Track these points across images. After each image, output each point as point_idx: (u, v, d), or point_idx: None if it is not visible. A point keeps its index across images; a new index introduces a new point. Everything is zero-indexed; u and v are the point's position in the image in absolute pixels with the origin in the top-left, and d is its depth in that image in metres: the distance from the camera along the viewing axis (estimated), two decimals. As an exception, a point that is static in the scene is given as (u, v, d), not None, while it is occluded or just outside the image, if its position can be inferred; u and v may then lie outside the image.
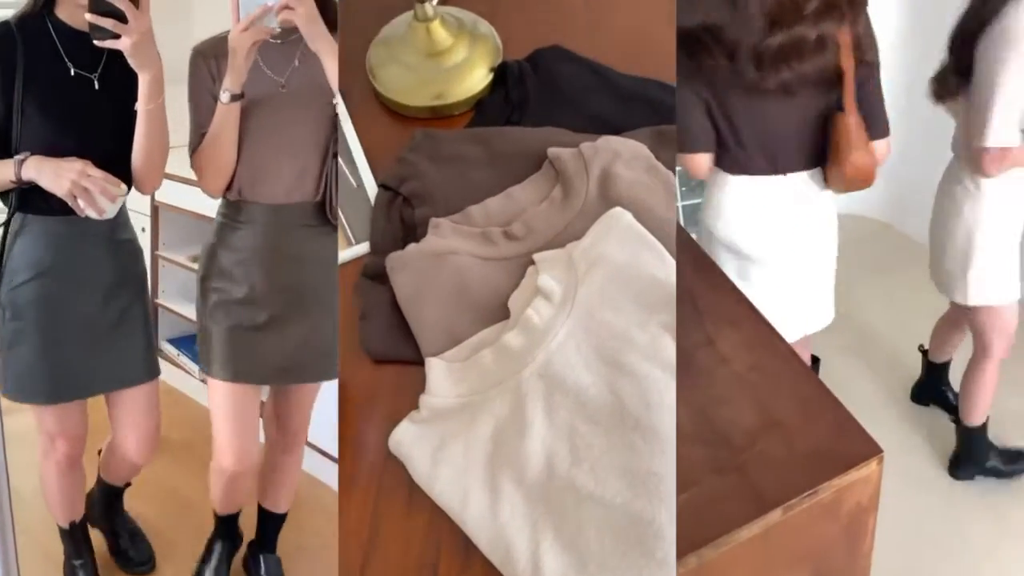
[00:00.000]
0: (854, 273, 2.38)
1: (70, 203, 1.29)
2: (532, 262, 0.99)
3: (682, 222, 1.66)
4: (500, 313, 0.97)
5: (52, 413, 1.50)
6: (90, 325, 1.44)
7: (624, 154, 1.07)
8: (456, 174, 1.13)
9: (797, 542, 0.93)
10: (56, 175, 1.26)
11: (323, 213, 1.45)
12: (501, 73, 1.28)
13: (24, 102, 1.26)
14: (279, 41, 1.40)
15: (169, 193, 2.05)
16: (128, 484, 1.84)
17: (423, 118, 1.26)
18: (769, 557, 0.91)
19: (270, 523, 1.81)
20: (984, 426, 2.28)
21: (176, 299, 2.59)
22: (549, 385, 0.88)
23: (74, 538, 1.70)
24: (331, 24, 1.35)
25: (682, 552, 0.81)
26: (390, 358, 1.01)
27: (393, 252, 1.04)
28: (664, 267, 0.96)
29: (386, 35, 1.31)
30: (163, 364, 2.44)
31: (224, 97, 1.35)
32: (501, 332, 0.94)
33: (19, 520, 1.17)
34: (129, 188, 1.39)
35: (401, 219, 1.11)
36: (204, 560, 1.80)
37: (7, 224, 1.36)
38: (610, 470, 0.82)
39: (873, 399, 2.57)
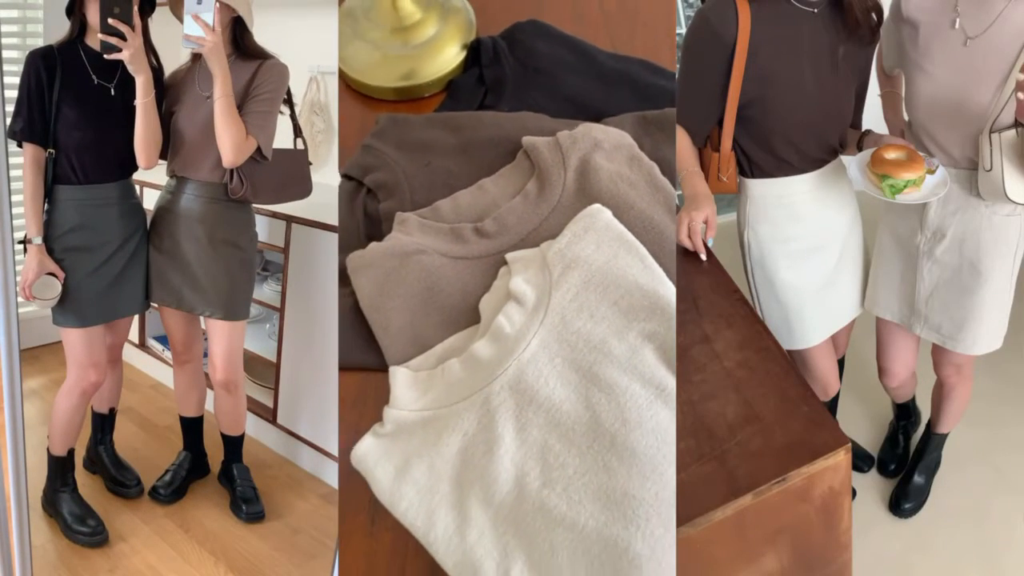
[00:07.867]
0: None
1: None
2: (505, 262, 0.95)
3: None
4: (470, 317, 0.92)
5: (83, 344, 1.86)
6: (108, 266, 1.85)
7: (605, 144, 1.00)
8: (424, 164, 1.07)
9: (772, 522, 1.05)
10: None
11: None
12: (474, 51, 1.20)
13: (60, 101, 1.74)
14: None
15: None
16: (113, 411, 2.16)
17: (390, 100, 1.20)
18: (745, 534, 1.04)
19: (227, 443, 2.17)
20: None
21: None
22: (520, 399, 0.82)
23: (65, 466, 1.98)
24: (249, 50, 1.84)
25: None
26: (351, 365, 0.95)
27: (354, 251, 0.97)
28: (646, 270, 0.88)
29: (350, 7, 1.23)
30: (148, 359, 2.71)
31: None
32: (471, 339, 0.89)
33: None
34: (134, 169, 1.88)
35: (366, 212, 1.06)
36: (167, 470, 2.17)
37: (50, 192, 1.80)
38: (584, 491, 0.77)
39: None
